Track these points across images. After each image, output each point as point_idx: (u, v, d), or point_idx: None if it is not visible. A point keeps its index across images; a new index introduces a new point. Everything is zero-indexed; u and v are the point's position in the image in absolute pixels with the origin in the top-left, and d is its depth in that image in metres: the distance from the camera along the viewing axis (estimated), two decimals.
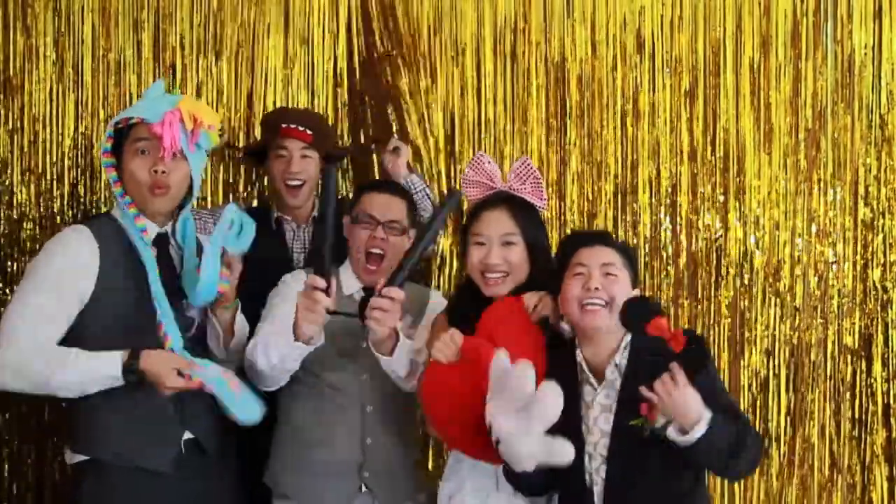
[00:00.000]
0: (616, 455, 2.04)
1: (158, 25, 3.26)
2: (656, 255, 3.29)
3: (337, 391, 2.46)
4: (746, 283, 3.28)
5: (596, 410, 2.09)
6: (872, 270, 3.29)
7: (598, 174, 3.30)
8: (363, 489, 2.46)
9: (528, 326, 2.22)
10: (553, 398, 1.91)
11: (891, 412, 3.27)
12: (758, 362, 3.27)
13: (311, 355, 2.35)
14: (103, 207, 3.24)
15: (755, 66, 3.29)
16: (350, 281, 2.57)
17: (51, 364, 2.14)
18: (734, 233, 3.28)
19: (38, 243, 3.24)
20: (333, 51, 3.31)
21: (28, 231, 3.26)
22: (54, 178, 3.27)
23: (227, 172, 3.31)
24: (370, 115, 3.32)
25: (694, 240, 3.29)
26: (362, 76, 3.32)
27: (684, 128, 3.30)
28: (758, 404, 3.27)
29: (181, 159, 2.26)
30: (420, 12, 3.29)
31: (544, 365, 2.15)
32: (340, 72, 3.31)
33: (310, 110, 3.24)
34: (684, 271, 3.28)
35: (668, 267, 3.29)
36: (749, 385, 3.27)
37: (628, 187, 3.29)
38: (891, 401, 3.28)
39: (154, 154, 2.23)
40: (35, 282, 2.20)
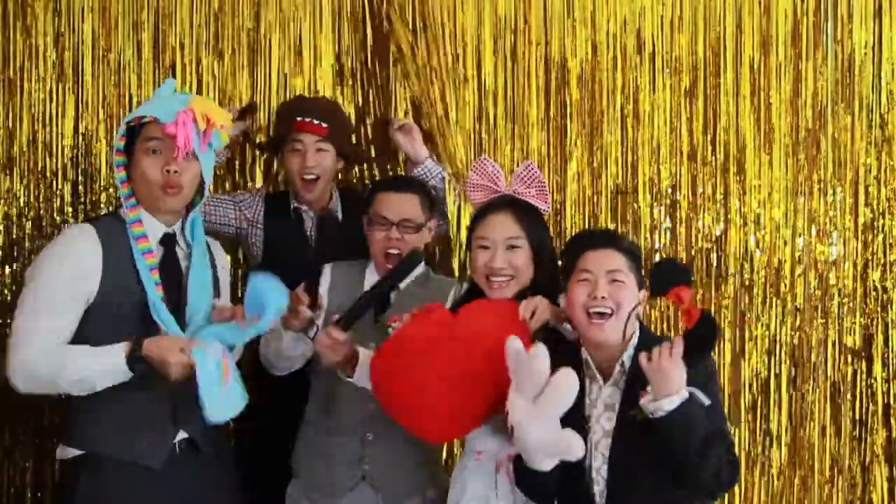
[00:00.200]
0: (618, 454, 2.04)
1: (158, 25, 3.26)
2: (656, 256, 3.29)
3: (343, 385, 2.49)
4: (747, 283, 3.28)
5: (599, 409, 2.09)
6: (872, 270, 3.29)
7: (598, 174, 3.30)
8: (365, 479, 2.52)
9: (512, 327, 2.15)
10: (568, 383, 1.92)
11: (891, 412, 3.27)
12: (758, 362, 3.27)
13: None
14: (103, 207, 3.24)
15: (755, 66, 3.29)
16: (372, 277, 2.62)
17: (55, 365, 2.14)
18: (734, 233, 3.28)
19: (37, 243, 3.24)
20: (334, 51, 3.30)
21: (28, 231, 3.26)
22: (54, 178, 3.26)
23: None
24: (371, 115, 3.32)
25: (694, 240, 3.29)
26: (363, 76, 3.31)
27: (684, 128, 3.30)
28: (758, 404, 3.27)
29: (193, 159, 2.26)
30: (420, 12, 3.28)
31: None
32: (342, 72, 3.31)
33: (326, 99, 3.21)
34: None
35: None
36: (749, 385, 3.27)
37: (628, 187, 3.29)
38: (891, 401, 3.28)
39: (166, 154, 2.23)
40: (40, 284, 2.20)
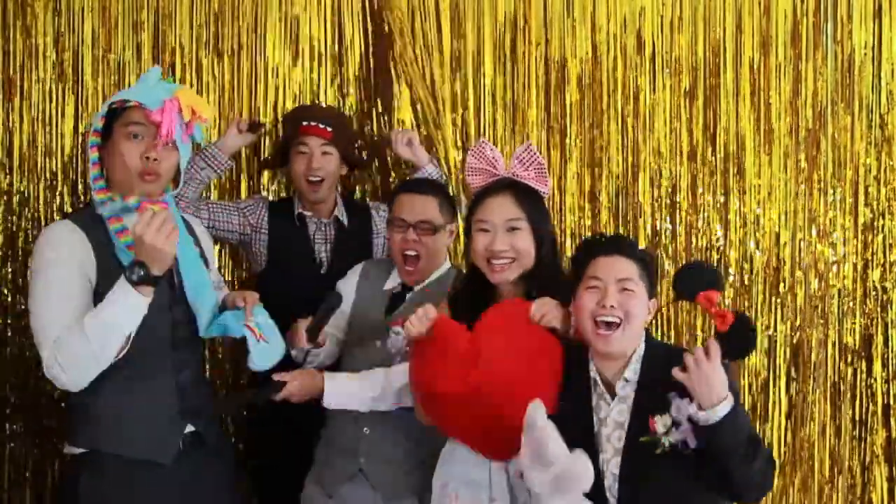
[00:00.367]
0: (628, 474, 1.99)
1: (158, 26, 3.26)
2: (656, 256, 3.28)
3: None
4: (746, 283, 3.28)
5: (609, 427, 2.04)
6: (872, 270, 3.29)
7: (598, 174, 3.30)
8: (361, 473, 2.54)
9: (530, 333, 2.16)
10: (585, 469, 1.86)
11: (891, 412, 3.28)
12: (758, 363, 3.27)
13: (347, 346, 2.61)
14: None
15: (755, 66, 3.29)
16: (393, 277, 2.66)
17: (83, 340, 2.07)
18: (734, 233, 3.28)
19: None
20: (335, 51, 3.30)
21: (28, 231, 3.26)
22: (54, 178, 3.26)
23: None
24: (371, 114, 3.32)
25: (694, 240, 3.29)
26: (363, 77, 3.31)
27: (684, 128, 3.30)
28: (758, 404, 3.27)
29: (173, 149, 2.23)
30: (420, 12, 3.29)
31: (556, 364, 2.14)
32: (342, 72, 3.31)
33: (331, 107, 3.25)
34: None
35: (669, 267, 3.28)
36: (749, 385, 3.27)
37: (628, 187, 3.29)
38: (891, 401, 3.28)
39: (147, 140, 2.19)
40: (45, 277, 2.15)
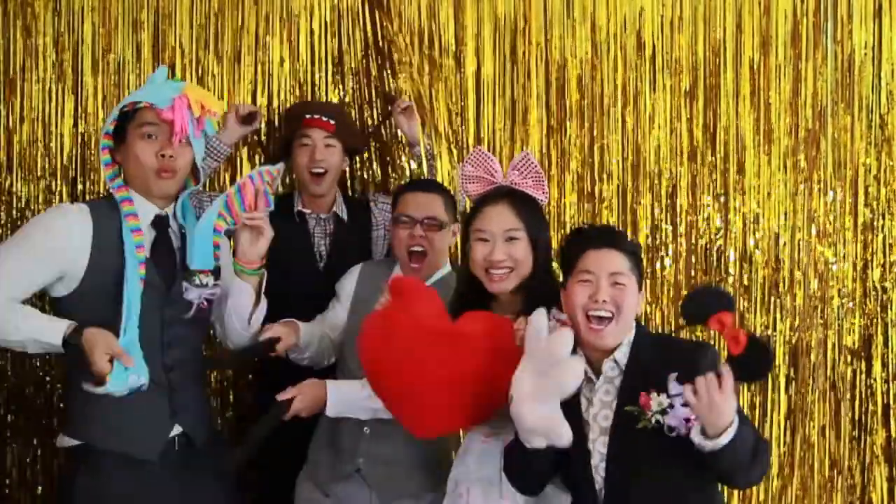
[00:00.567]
0: (615, 452, 2.03)
1: (158, 26, 3.26)
2: (656, 256, 3.28)
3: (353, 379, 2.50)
4: (746, 283, 3.28)
5: (596, 407, 2.07)
6: (872, 271, 3.29)
7: (598, 174, 3.29)
8: (358, 473, 2.55)
9: (509, 352, 2.12)
10: (575, 371, 1.93)
11: (891, 412, 3.27)
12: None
13: (346, 344, 2.59)
14: None
15: (755, 66, 3.29)
16: (398, 270, 2.66)
17: (4, 323, 2.15)
18: (734, 233, 3.28)
19: None
20: (335, 51, 3.30)
21: None
22: (54, 178, 3.27)
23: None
24: (371, 115, 3.32)
25: (694, 240, 3.29)
26: (362, 77, 3.31)
27: (684, 128, 3.30)
28: (758, 404, 3.27)
29: (186, 145, 2.29)
30: (421, 13, 3.29)
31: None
32: (341, 72, 3.31)
33: (332, 102, 3.26)
34: (684, 272, 3.27)
35: (668, 267, 3.28)
36: (749, 385, 3.26)
37: (628, 188, 3.29)
38: (891, 401, 3.28)
39: (161, 139, 2.26)
40: (16, 242, 2.24)
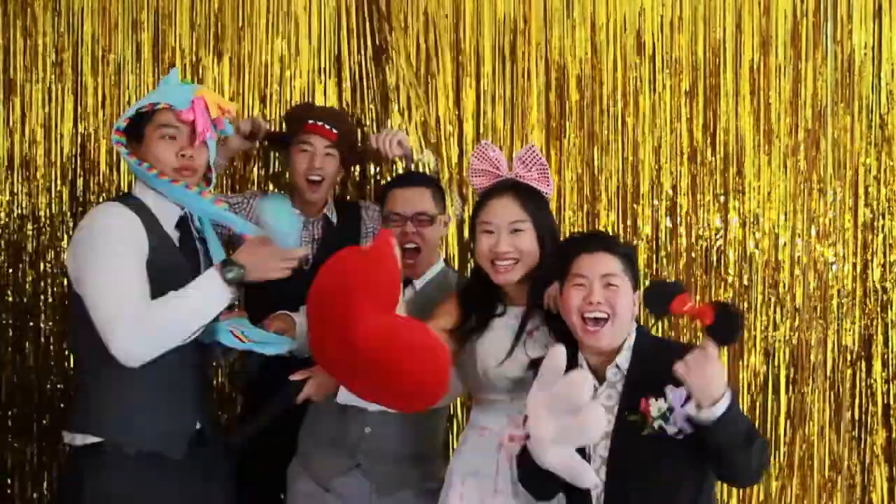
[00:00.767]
0: (616, 456, 2.03)
1: (158, 25, 3.27)
2: (656, 256, 3.28)
3: None
4: (746, 283, 3.28)
5: None
6: (872, 271, 3.29)
7: (598, 175, 3.29)
8: (359, 467, 2.53)
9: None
10: (597, 421, 1.91)
11: (891, 412, 3.27)
12: (757, 363, 3.26)
13: None
14: None
15: (755, 66, 3.29)
16: None
17: (160, 326, 2.13)
18: (734, 233, 3.28)
19: (37, 244, 3.25)
20: (334, 51, 3.30)
21: (28, 232, 3.26)
22: (54, 178, 3.27)
23: (240, 161, 3.30)
24: (371, 115, 3.32)
25: (694, 240, 3.29)
26: (362, 77, 3.32)
27: (684, 128, 3.30)
28: (758, 404, 3.26)
29: (203, 146, 2.31)
30: (420, 13, 3.29)
31: None
32: (341, 72, 3.31)
33: (335, 109, 3.23)
34: (684, 272, 3.27)
35: (668, 268, 3.28)
36: (749, 385, 3.27)
37: (628, 188, 3.29)
38: (891, 401, 3.28)
39: (181, 140, 2.27)
40: (108, 259, 2.15)
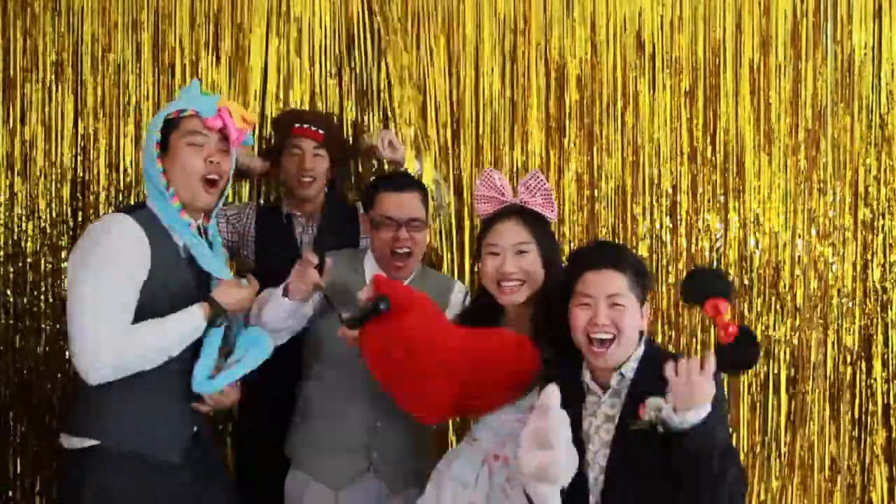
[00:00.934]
0: (614, 464, 2.02)
1: (158, 25, 3.26)
2: (656, 256, 3.28)
3: (353, 375, 2.49)
4: (746, 283, 3.28)
5: (599, 419, 2.08)
6: (872, 271, 3.29)
7: (598, 175, 3.29)
8: (370, 469, 2.52)
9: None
10: (571, 465, 1.93)
11: (891, 412, 3.28)
12: (757, 363, 3.26)
13: (329, 342, 2.49)
14: (102, 207, 3.24)
15: (755, 66, 3.29)
16: (371, 265, 2.63)
17: (131, 354, 2.14)
18: (734, 233, 3.28)
19: (37, 244, 3.24)
20: (334, 52, 3.30)
21: (28, 232, 3.26)
22: (54, 178, 3.26)
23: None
24: (371, 116, 3.32)
25: (694, 240, 3.29)
26: (362, 77, 3.31)
27: (684, 128, 3.30)
28: (758, 404, 3.27)
29: (228, 153, 2.31)
30: (420, 13, 3.29)
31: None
32: (341, 73, 3.31)
33: (320, 112, 3.26)
34: (684, 272, 3.27)
35: (668, 268, 3.28)
36: (749, 385, 3.27)
37: (628, 187, 3.29)
38: (891, 401, 3.28)
39: (208, 147, 2.27)
40: (100, 282, 2.13)
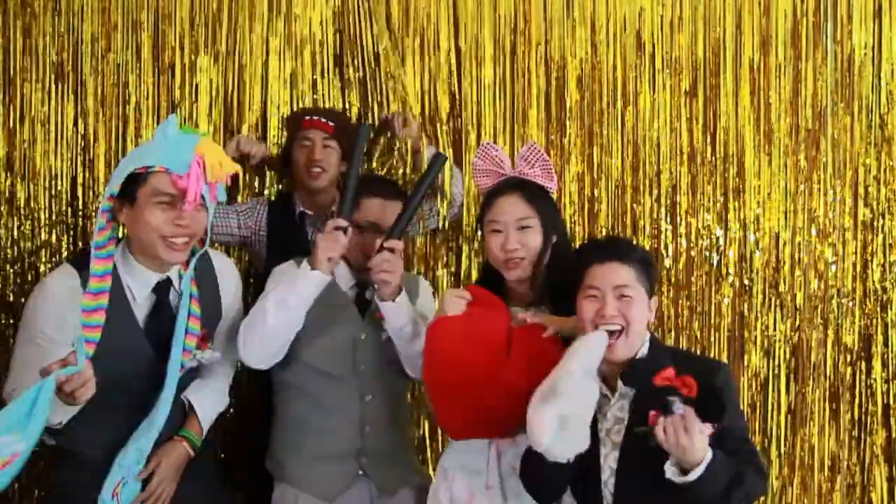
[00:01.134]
0: (624, 466, 2.03)
1: (158, 25, 3.26)
2: (656, 256, 3.28)
3: (337, 382, 2.50)
4: (746, 283, 3.28)
5: (609, 422, 2.08)
6: (872, 270, 3.29)
7: (598, 175, 3.29)
8: (361, 473, 2.51)
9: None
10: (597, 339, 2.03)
11: (891, 412, 3.27)
12: (758, 362, 3.27)
13: (310, 349, 2.45)
14: None
15: (755, 66, 3.29)
16: (346, 274, 2.60)
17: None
18: (734, 233, 3.28)
19: (37, 244, 3.25)
20: (334, 52, 3.30)
21: (27, 232, 3.26)
22: (54, 178, 3.26)
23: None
24: (370, 115, 3.32)
25: (694, 240, 3.29)
26: (363, 78, 3.31)
27: (684, 128, 3.30)
28: (758, 404, 3.27)
29: (202, 209, 2.22)
30: (420, 12, 3.28)
31: None
32: (341, 73, 3.30)
33: (330, 108, 3.26)
34: (684, 272, 3.27)
35: (668, 267, 3.28)
36: (749, 385, 3.27)
37: (628, 187, 3.29)
38: (891, 401, 3.28)
39: (177, 207, 2.16)
40: (25, 331, 2.24)
